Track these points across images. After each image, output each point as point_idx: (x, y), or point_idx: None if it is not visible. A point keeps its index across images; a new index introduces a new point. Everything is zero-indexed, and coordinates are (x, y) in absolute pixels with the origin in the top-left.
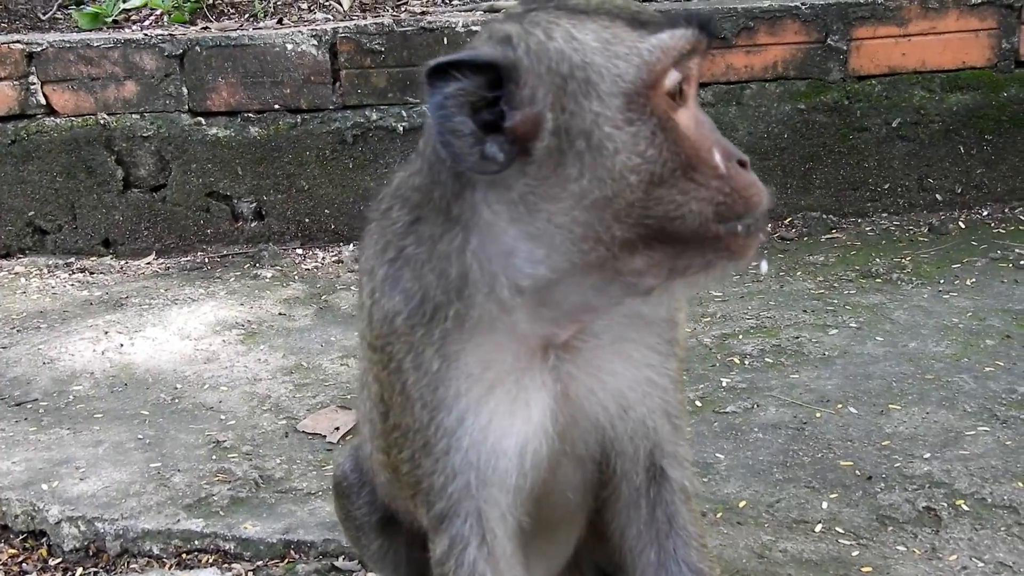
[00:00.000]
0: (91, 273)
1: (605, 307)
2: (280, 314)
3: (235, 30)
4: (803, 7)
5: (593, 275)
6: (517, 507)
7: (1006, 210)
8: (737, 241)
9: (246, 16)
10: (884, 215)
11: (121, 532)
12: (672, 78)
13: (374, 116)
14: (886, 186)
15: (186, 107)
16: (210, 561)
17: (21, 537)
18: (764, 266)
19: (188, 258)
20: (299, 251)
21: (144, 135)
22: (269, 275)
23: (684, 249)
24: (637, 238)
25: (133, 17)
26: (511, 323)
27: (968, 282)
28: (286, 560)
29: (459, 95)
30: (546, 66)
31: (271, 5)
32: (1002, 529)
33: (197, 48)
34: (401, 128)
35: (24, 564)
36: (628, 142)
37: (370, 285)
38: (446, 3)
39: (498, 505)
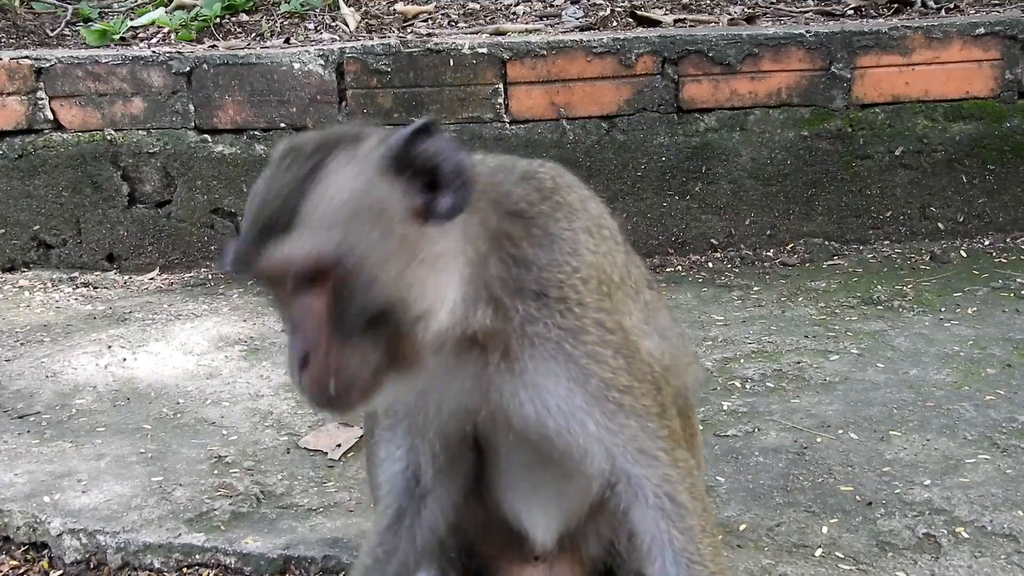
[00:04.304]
0: (95, 288)
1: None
2: (283, 331)
3: (243, 49)
4: (808, 35)
5: None
6: (444, 450)
7: (1008, 240)
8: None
9: (253, 36)
10: (886, 243)
11: (122, 545)
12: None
13: None
14: (888, 214)
15: (193, 124)
16: (211, 575)
17: (23, 549)
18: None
19: (192, 274)
20: None
21: (150, 151)
22: None
23: None
24: None
25: (140, 35)
26: None
27: (969, 311)
28: (286, 575)
29: None
30: None
31: (278, 25)
32: (1002, 557)
33: (205, 66)
34: None
35: None
36: None
37: None
38: (452, 25)
39: (430, 445)
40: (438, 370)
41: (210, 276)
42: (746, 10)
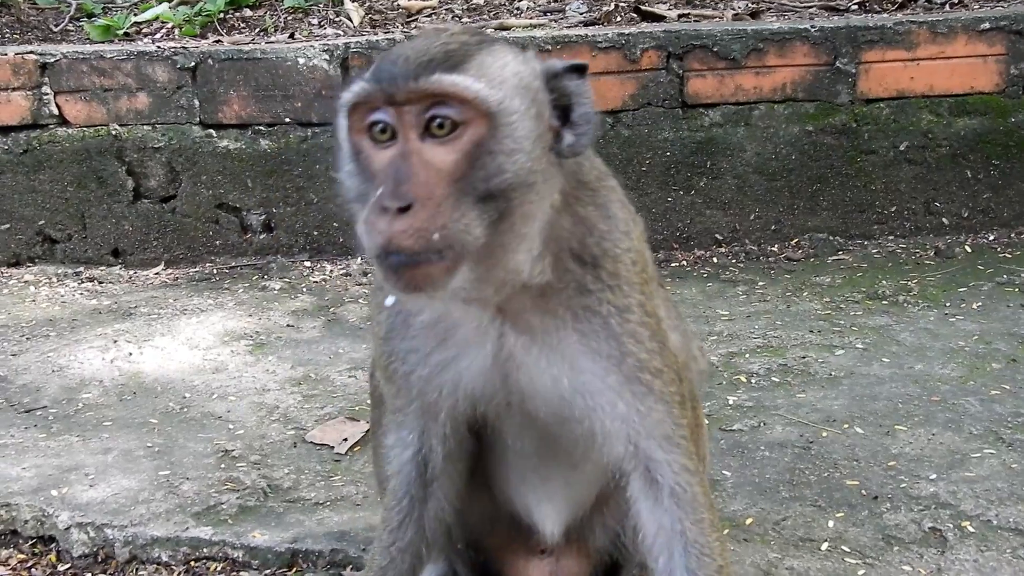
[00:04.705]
0: (100, 282)
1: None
2: (288, 325)
3: (247, 44)
4: (812, 30)
5: None
6: (454, 432)
7: (1012, 235)
8: (383, 272)
9: (257, 31)
10: (891, 238)
11: (130, 539)
12: (366, 118)
13: None
14: (893, 209)
15: (197, 119)
16: (218, 569)
17: (30, 542)
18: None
19: (197, 269)
20: (307, 263)
21: (155, 146)
22: (277, 287)
23: None
24: None
25: (144, 30)
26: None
27: (974, 306)
28: (294, 569)
29: None
30: None
31: (281, 20)
32: (1007, 551)
33: (210, 61)
34: None
35: (33, 569)
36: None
37: None
38: (456, 20)
39: (441, 427)
40: (457, 343)
41: (215, 271)
42: (750, 5)
